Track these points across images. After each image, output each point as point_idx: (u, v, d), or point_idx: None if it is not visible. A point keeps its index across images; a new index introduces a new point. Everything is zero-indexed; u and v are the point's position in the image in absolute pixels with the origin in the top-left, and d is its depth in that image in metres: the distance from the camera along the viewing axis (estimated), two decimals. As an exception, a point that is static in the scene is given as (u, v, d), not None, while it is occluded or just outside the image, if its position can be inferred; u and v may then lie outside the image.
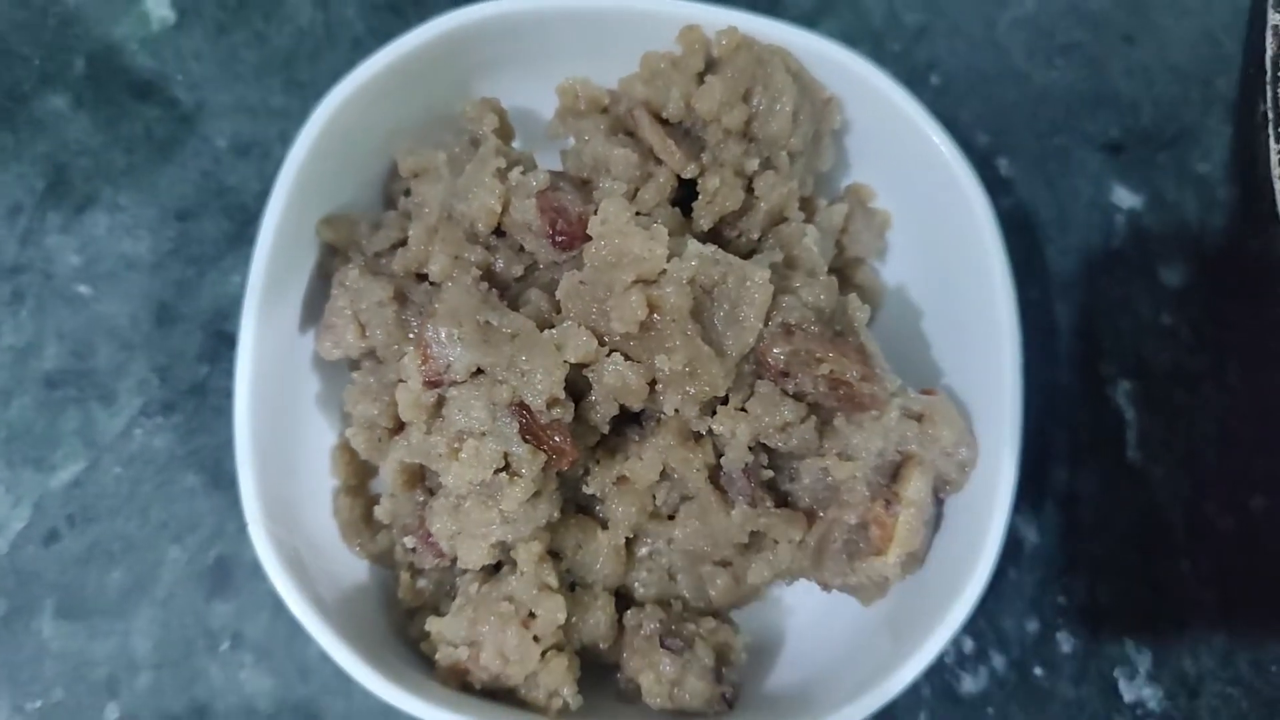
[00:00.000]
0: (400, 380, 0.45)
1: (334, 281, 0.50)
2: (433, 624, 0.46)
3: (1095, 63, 0.63)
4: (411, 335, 0.48)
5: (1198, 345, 0.59)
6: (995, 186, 0.61)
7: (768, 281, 0.44)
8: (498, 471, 0.44)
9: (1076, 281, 0.60)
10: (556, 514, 0.45)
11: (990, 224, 0.49)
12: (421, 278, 0.50)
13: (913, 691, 0.54)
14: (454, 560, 0.46)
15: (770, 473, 0.46)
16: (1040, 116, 0.63)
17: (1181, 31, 0.64)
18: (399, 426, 0.49)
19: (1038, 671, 0.55)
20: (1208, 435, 0.58)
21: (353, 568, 0.50)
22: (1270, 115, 0.43)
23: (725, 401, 0.45)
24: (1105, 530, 0.57)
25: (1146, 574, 0.56)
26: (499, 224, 0.48)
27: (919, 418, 0.46)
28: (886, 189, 0.55)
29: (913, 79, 0.60)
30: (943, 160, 0.50)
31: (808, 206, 0.52)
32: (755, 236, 0.50)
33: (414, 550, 0.48)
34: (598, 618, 0.47)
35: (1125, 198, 0.61)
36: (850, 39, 0.54)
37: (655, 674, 0.46)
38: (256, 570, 0.54)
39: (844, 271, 0.54)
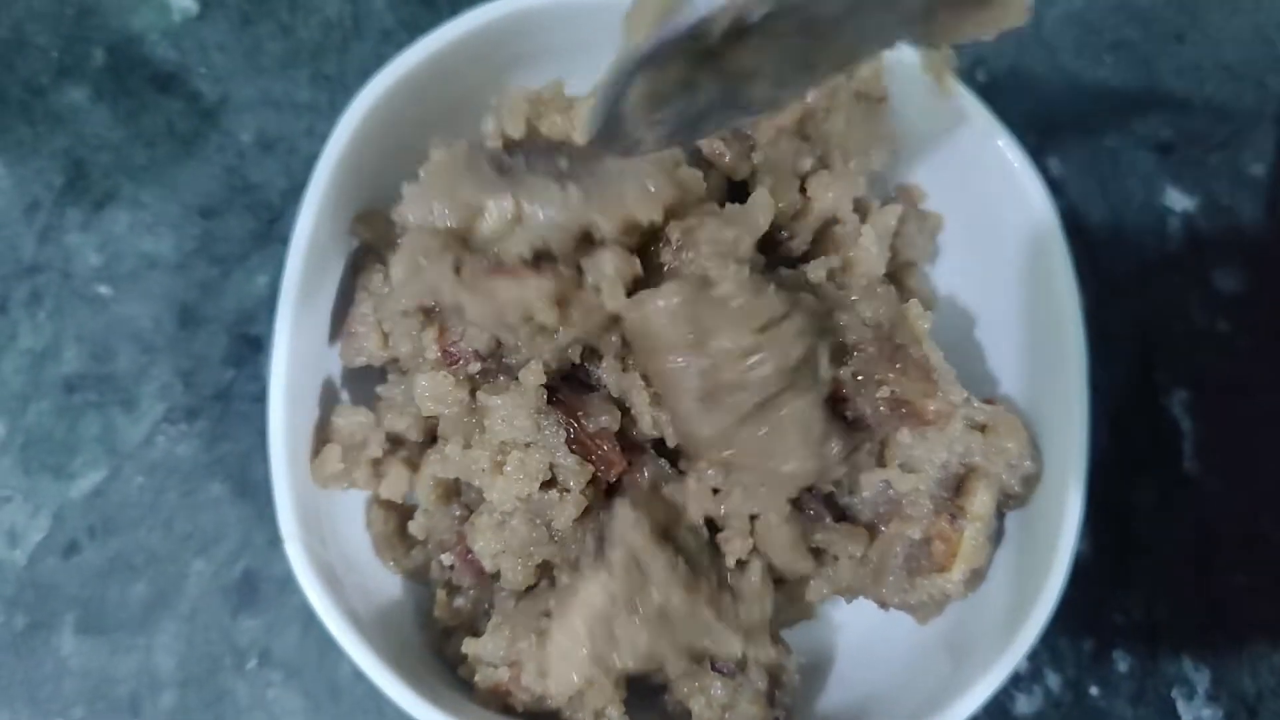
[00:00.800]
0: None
1: (358, 285, 0.49)
2: (469, 646, 0.44)
3: (1145, 61, 0.62)
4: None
5: (1256, 353, 0.57)
6: (1047, 187, 0.59)
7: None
8: (543, 487, 0.42)
9: (1129, 287, 0.58)
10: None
11: (1054, 227, 0.47)
12: None
13: (964, 712, 0.53)
14: (494, 576, 0.44)
15: (830, 486, 0.44)
16: (1090, 116, 0.61)
17: (1233, 30, 0.62)
18: (430, 440, 0.47)
19: (1094, 691, 0.53)
20: (1267, 446, 0.56)
21: (387, 583, 0.48)
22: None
23: None
24: (1162, 545, 0.55)
25: (1203, 589, 0.55)
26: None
27: (982, 428, 0.44)
28: (937, 190, 0.53)
29: (959, 77, 0.58)
30: (1003, 161, 0.48)
31: (861, 208, 0.50)
32: (809, 239, 0.48)
33: (452, 568, 0.46)
34: (645, 638, 0.45)
35: (1178, 200, 0.60)
36: (896, 35, 0.52)
37: (706, 698, 0.43)
38: (285, 584, 0.52)
39: (896, 276, 0.52)
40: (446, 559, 0.46)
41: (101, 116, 0.58)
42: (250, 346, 0.55)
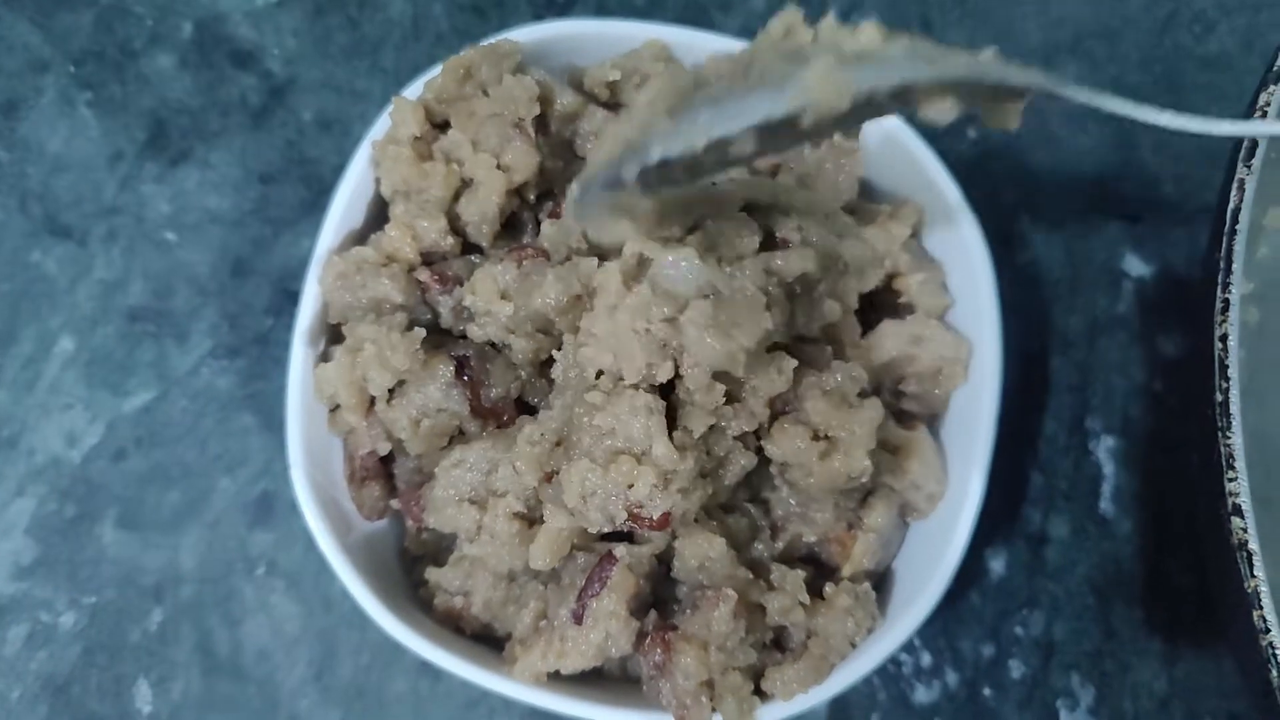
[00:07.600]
0: None
1: None
2: (431, 573, 0.52)
3: (1127, 136, 0.66)
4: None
5: (1183, 413, 0.62)
6: (1015, 241, 0.65)
7: None
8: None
9: (1078, 339, 0.64)
10: None
11: (989, 280, 0.52)
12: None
13: (869, 695, 0.59)
14: None
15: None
16: (1067, 180, 0.66)
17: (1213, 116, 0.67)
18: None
19: (986, 692, 0.60)
20: (1179, 499, 0.61)
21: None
22: (1222, 265, 0.47)
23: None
24: (1069, 572, 0.61)
25: (1101, 617, 0.60)
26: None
27: (895, 450, 0.51)
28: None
29: (951, 131, 0.62)
30: (951, 208, 0.54)
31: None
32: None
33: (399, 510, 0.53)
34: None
35: (1135, 266, 0.64)
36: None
37: None
38: (295, 507, 0.59)
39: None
40: (395, 504, 0.53)
41: (184, 83, 0.66)
42: (290, 300, 0.63)
